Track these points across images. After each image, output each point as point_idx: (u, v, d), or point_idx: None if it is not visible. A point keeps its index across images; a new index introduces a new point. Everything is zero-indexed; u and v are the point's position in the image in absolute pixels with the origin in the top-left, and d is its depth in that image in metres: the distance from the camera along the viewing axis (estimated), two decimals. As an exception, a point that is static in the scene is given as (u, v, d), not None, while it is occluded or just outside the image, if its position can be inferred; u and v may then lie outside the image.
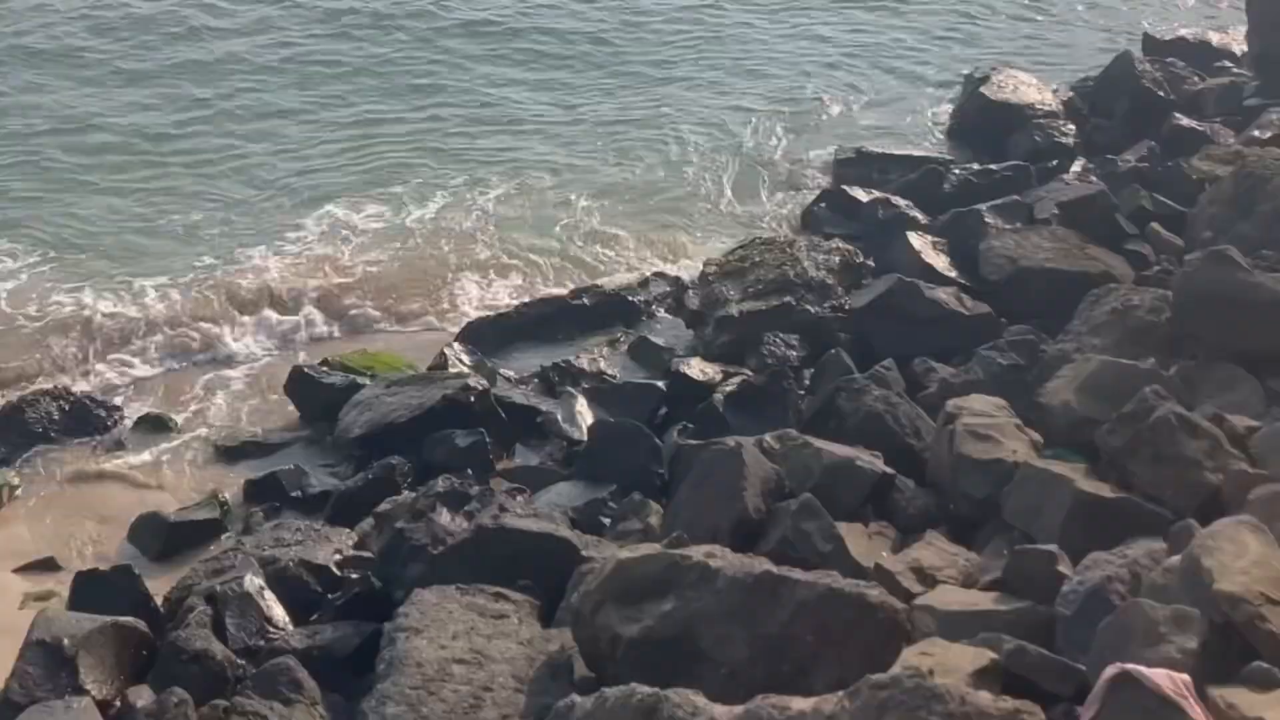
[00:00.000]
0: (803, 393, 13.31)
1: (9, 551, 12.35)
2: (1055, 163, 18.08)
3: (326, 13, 24.26)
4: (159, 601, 10.80)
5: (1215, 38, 22.48)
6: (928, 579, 9.45)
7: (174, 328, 15.75)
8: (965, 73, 22.08)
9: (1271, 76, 19.79)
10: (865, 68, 23.38)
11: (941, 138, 20.62)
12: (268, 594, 10.33)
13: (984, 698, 6.93)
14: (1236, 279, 11.84)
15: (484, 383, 13.81)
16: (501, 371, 14.77)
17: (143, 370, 15.25)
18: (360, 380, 14.19)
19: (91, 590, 10.67)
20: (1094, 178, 17.04)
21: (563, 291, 16.54)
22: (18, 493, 13.08)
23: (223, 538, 12.26)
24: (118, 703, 9.36)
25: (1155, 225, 15.48)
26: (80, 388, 14.52)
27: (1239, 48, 21.96)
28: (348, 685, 9.36)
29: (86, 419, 13.97)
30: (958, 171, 18.03)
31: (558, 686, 8.50)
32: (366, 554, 11.11)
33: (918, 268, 15.15)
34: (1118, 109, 19.47)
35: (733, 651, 8.15)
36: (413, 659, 8.70)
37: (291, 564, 10.79)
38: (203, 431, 14.11)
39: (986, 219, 15.79)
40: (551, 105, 21.80)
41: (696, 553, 8.68)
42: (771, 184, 19.47)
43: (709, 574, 8.42)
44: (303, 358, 15.21)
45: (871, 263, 16.04)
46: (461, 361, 14.71)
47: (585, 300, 16.18)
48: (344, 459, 13.28)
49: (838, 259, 15.91)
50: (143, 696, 9.22)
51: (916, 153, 19.54)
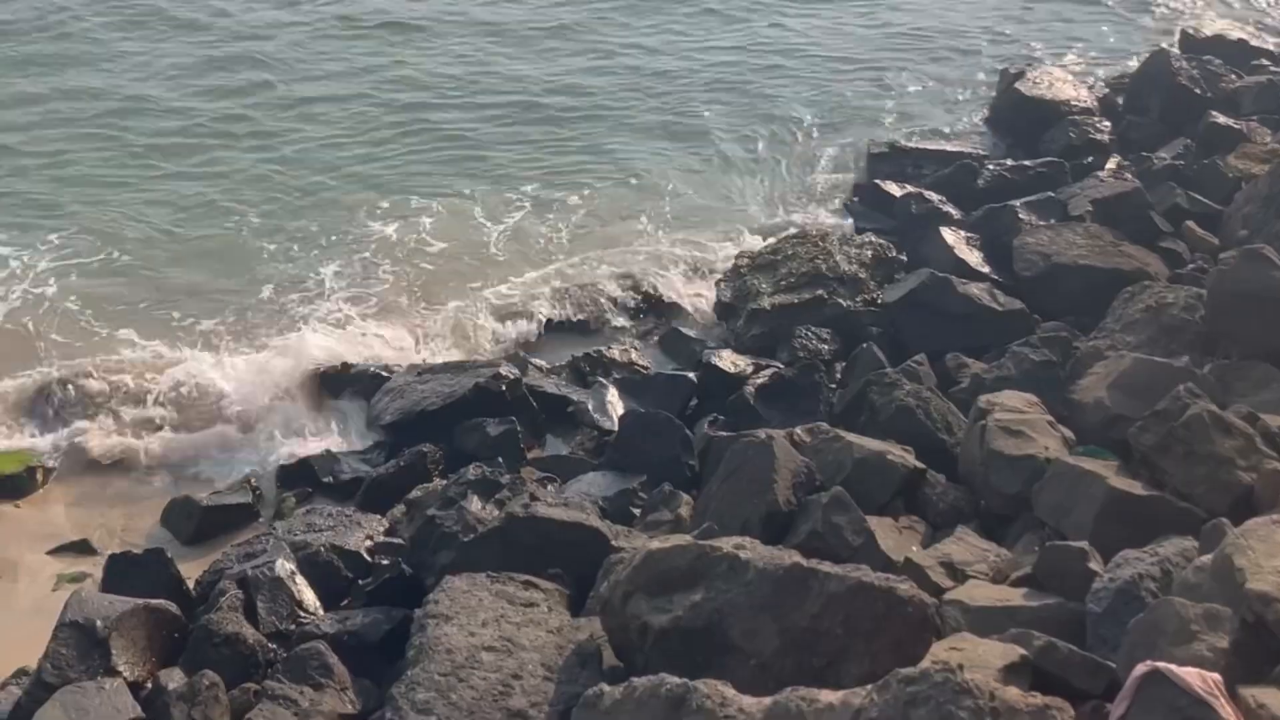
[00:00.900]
0: (834, 386, 13.33)
1: (43, 534, 12.47)
2: (1090, 159, 18.03)
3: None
4: (191, 585, 10.90)
5: (1253, 36, 22.36)
6: (958, 574, 9.44)
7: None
8: (1000, 68, 21.98)
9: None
10: (901, 63, 23.32)
11: (976, 133, 20.54)
12: (299, 578, 10.39)
13: (1013, 693, 6.90)
14: (1272, 278, 11.80)
15: (516, 371, 13.87)
16: (533, 360, 14.81)
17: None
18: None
19: (124, 572, 10.75)
20: (1129, 175, 16.97)
21: (593, 281, 16.56)
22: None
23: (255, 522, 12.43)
24: (149, 684, 9.39)
25: (1190, 223, 15.44)
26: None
27: (1277, 46, 21.84)
28: (378, 670, 9.40)
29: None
30: (992, 167, 17.99)
31: (586, 675, 8.50)
32: (397, 540, 11.16)
33: (950, 263, 15.14)
34: (1154, 106, 19.37)
35: (762, 643, 8.13)
36: (442, 645, 8.71)
37: (323, 549, 10.85)
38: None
39: (1020, 215, 15.78)
40: (590, 101, 21.91)
41: (726, 544, 8.66)
42: (805, 178, 19.45)
43: (739, 565, 8.41)
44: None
45: (904, 257, 16.05)
46: (493, 349, 14.78)
47: (614, 289, 16.25)
48: (376, 445, 13.36)
49: (870, 253, 15.91)
50: (174, 679, 9.24)
51: (950, 148, 19.54)
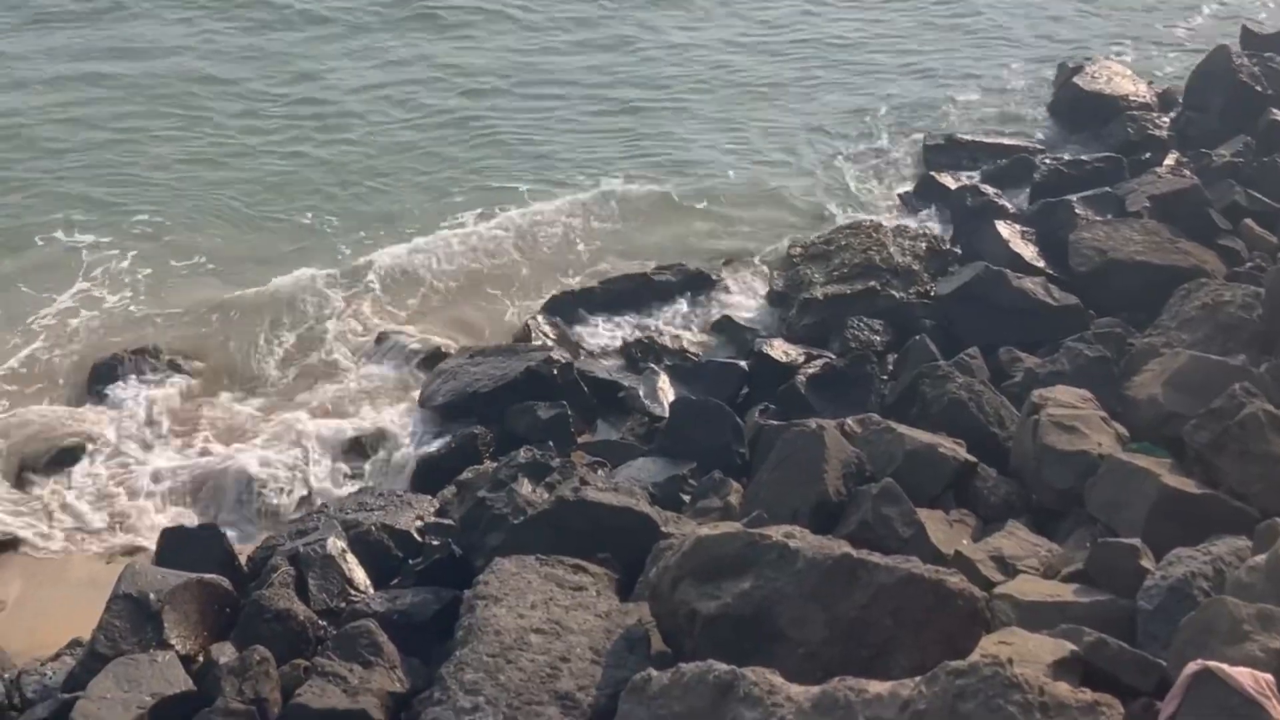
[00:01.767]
0: (885, 378, 13.30)
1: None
2: (1148, 155, 17.90)
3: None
4: (243, 560, 10.98)
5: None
6: (1008, 568, 9.42)
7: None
8: (1060, 62, 21.84)
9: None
10: (960, 55, 23.21)
11: (1033, 127, 20.42)
12: (349, 557, 10.46)
13: (1062, 689, 6.88)
14: (1332, 277, 11.71)
15: (567, 356, 13.91)
16: (584, 345, 14.84)
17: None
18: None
19: (178, 546, 10.83)
20: (1187, 172, 16.84)
21: (647, 267, 16.59)
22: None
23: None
24: (201, 658, 9.51)
25: (1249, 221, 15.32)
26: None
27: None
28: (426, 650, 9.43)
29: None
30: (1048, 161, 17.87)
31: (634, 660, 8.52)
32: (447, 521, 11.20)
33: (1005, 256, 15.06)
34: (1214, 103, 19.18)
35: (810, 632, 8.12)
36: (491, 627, 8.74)
37: (374, 528, 10.91)
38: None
39: (1077, 210, 15.68)
40: (654, 91, 22.00)
41: (776, 533, 8.65)
42: (859, 169, 19.39)
43: (788, 554, 8.39)
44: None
45: (958, 250, 16.02)
46: (545, 334, 14.80)
47: (669, 276, 16.23)
48: (428, 426, 13.43)
49: (924, 245, 15.87)
50: (225, 653, 9.34)
51: (1007, 141, 19.45)
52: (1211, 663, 6.96)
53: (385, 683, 8.95)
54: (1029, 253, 15.25)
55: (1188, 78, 20.29)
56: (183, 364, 14.65)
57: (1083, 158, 17.93)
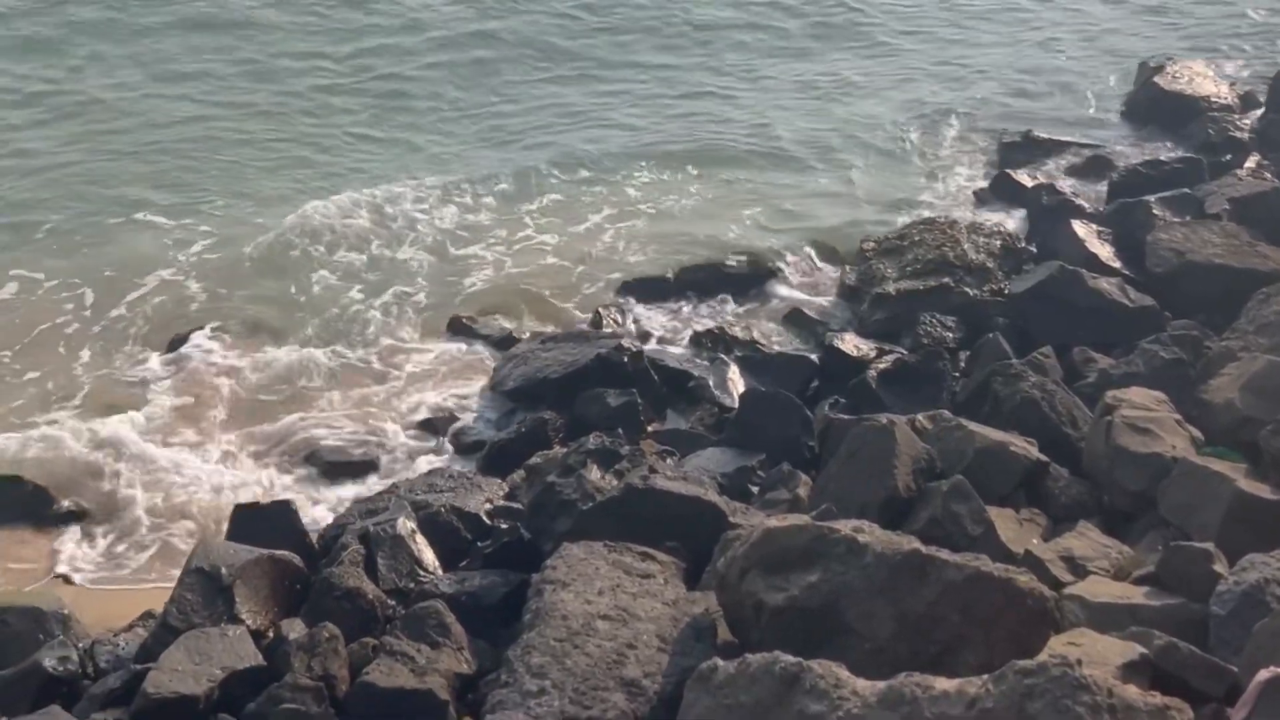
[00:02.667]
0: (957, 375, 13.22)
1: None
2: (1228, 157, 17.75)
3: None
4: (314, 537, 11.07)
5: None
6: (1078, 569, 9.34)
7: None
8: (1140, 60, 21.63)
9: None
10: (1038, 51, 23.08)
11: (1112, 126, 20.25)
12: (419, 537, 10.51)
13: (1132, 692, 6.83)
14: None
15: (638, 344, 13.95)
16: (654, 333, 14.88)
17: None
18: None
19: (250, 522, 10.92)
20: (1268, 174, 16.68)
21: (718, 258, 16.58)
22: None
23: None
24: (270, 633, 9.58)
25: (1330, 225, 15.13)
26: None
27: None
28: (493, 633, 9.49)
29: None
30: (1126, 161, 17.75)
31: (701, 649, 8.52)
32: (516, 505, 11.26)
33: (1081, 256, 14.95)
34: (1296, 104, 19.00)
35: (877, 627, 8.10)
36: (558, 611, 8.77)
37: (443, 510, 10.96)
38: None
39: (1154, 210, 15.54)
40: (724, 75, 22.01)
41: (845, 526, 8.62)
42: (934, 165, 19.31)
43: (857, 548, 8.36)
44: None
45: (1033, 248, 15.91)
46: (616, 321, 14.84)
47: (740, 268, 16.25)
48: (499, 410, 13.51)
49: (999, 243, 15.77)
50: (295, 629, 9.39)
51: (1085, 140, 19.30)
52: (1284, 670, 6.91)
53: (452, 664, 9.00)
54: (1105, 253, 15.13)
55: (1272, 80, 20.07)
56: (254, 337, 14.88)
57: (1161, 158, 17.78)
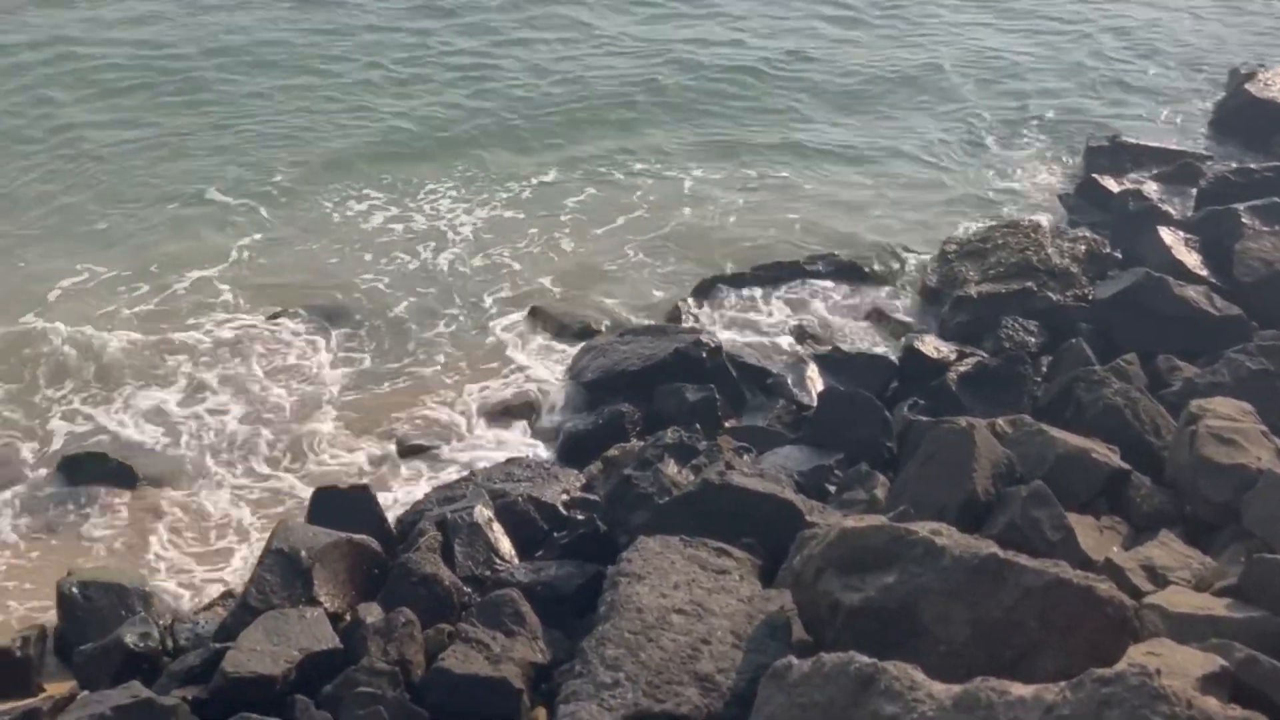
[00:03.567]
0: (1039, 380, 13.11)
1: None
2: (1321, 166, 17.46)
3: None
4: (392, 523, 11.15)
5: None
6: (1159, 578, 9.25)
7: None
8: (1232, 68, 21.37)
9: None
10: (1127, 56, 22.88)
11: (1202, 133, 20.04)
12: (496, 526, 10.57)
13: (1211, 704, 6.77)
14: None
15: (717, 339, 13.93)
16: (732, 330, 14.87)
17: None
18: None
19: (329, 505, 11.01)
20: (1362, 184, 16.41)
21: (799, 255, 16.56)
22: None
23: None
24: (348, 617, 9.67)
25: None
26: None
27: None
28: (568, 623, 9.55)
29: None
30: (1215, 168, 17.54)
31: (775, 646, 8.52)
32: (593, 496, 11.30)
33: (1167, 263, 14.78)
34: (1392, 116, 18.73)
35: (954, 631, 8.07)
36: (634, 604, 8.80)
37: (520, 499, 11.02)
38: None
39: (1243, 219, 15.33)
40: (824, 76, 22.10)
41: (922, 528, 8.59)
42: (1019, 168, 19.18)
43: (934, 551, 8.33)
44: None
45: (1118, 254, 15.76)
46: (694, 316, 14.84)
47: (820, 266, 16.20)
48: (576, 401, 13.56)
49: (1083, 248, 15.65)
50: (372, 613, 9.46)
51: (1173, 146, 19.09)
52: (1369, 688, 6.82)
53: (527, 653, 9.05)
54: (1192, 260, 14.96)
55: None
56: (335, 327, 15.02)
57: (1251, 166, 17.55)
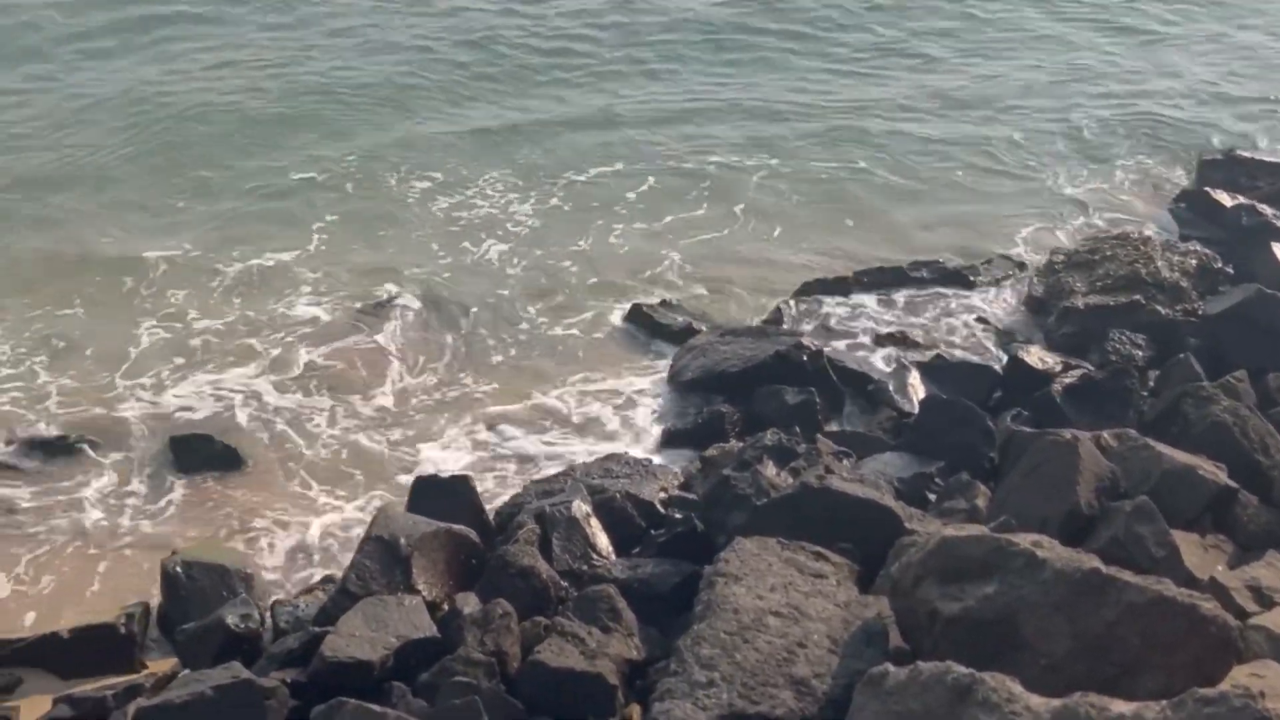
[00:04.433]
0: (1145, 394, 12.94)
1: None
2: None
3: None
4: (490, 514, 11.20)
5: None
6: (1265, 599, 9.11)
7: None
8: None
9: None
10: (1244, 66, 22.51)
11: (1321, 148, 19.74)
12: (594, 521, 10.60)
13: (1315, 729, 6.69)
14: None
15: (817, 343, 13.88)
16: (834, 333, 14.81)
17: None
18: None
19: (429, 494, 11.07)
20: None
21: (903, 261, 16.47)
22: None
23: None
24: (445, 606, 9.73)
25: None
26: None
27: None
28: (664, 621, 9.55)
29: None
30: (1335, 184, 17.24)
31: (871, 653, 8.49)
32: (690, 495, 11.30)
33: (1280, 279, 14.57)
34: None
35: (1054, 644, 8.00)
36: (730, 605, 8.79)
37: (618, 495, 11.05)
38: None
39: (1361, 237, 15.09)
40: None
41: (1024, 540, 8.53)
42: (1129, 179, 18.95)
43: (1035, 563, 8.27)
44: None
45: (1230, 269, 15.53)
46: (795, 319, 14.81)
47: (924, 273, 16.10)
48: (676, 399, 13.57)
49: (1194, 262, 15.44)
50: (469, 604, 9.53)
51: (1292, 161, 18.80)
52: None
53: (622, 649, 9.07)
54: (1307, 278, 14.72)
55: None
56: (431, 313, 15.25)
57: (1374, 182, 17.27)
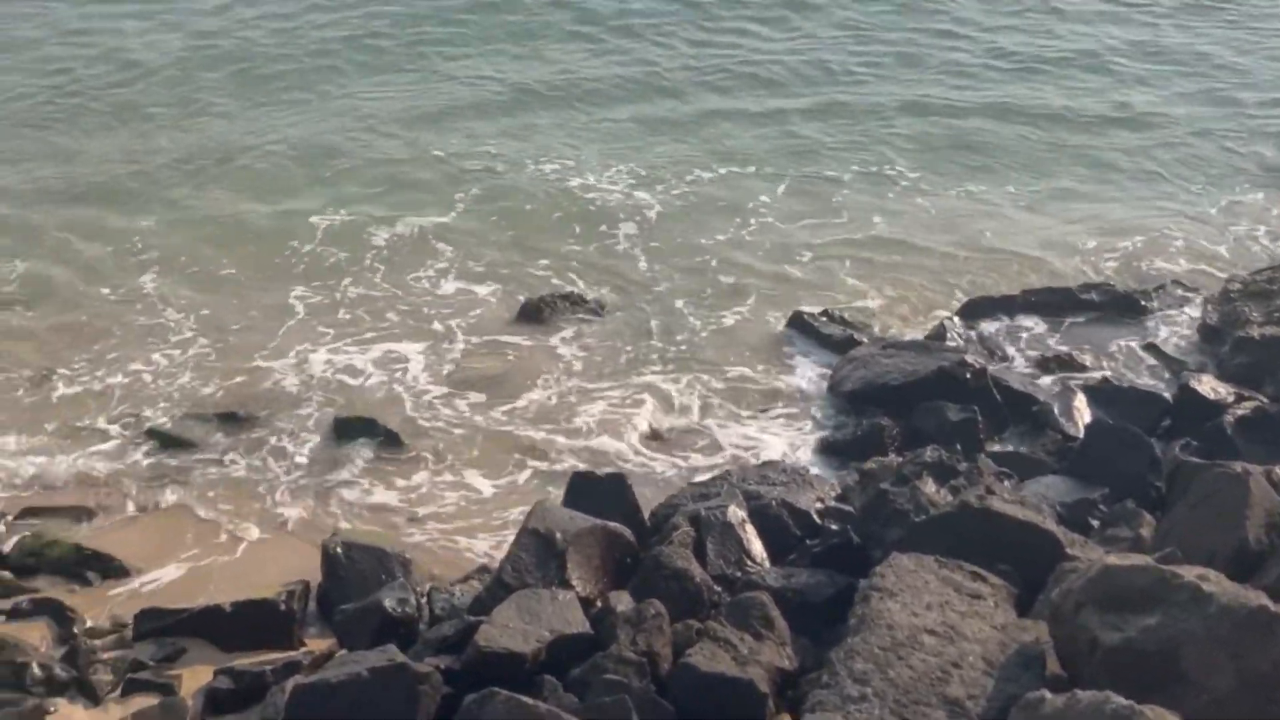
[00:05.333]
0: (1323, 430, 12.61)
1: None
2: None
3: None
4: (645, 515, 11.21)
5: None
6: None
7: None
8: None
9: None
10: None
11: None
12: (749, 527, 10.56)
13: None
14: None
15: (981, 361, 13.72)
16: (998, 352, 14.64)
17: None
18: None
19: (585, 491, 11.11)
20: None
21: (1071, 284, 16.22)
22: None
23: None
24: (598, 603, 9.73)
25: None
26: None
27: None
28: (817, 632, 9.46)
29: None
30: None
31: (1028, 678, 8.34)
32: (847, 507, 11.21)
33: None
34: None
35: (1217, 681, 7.81)
36: (884, 620, 8.70)
37: (774, 503, 10.99)
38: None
39: None
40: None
41: (1189, 573, 8.34)
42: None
43: (1201, 597, 8.09)
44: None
45: None
46: (959, 336, 14.64)
47: (1094, 295, 15.83)
48: (835, 410, 13.50)
49: (1383, 296, 15.00)
50: (622, 602, 9.51)
51: None
52: None
53: (774, 657, 9.01)
54: None
55: None
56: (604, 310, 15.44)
57: None
